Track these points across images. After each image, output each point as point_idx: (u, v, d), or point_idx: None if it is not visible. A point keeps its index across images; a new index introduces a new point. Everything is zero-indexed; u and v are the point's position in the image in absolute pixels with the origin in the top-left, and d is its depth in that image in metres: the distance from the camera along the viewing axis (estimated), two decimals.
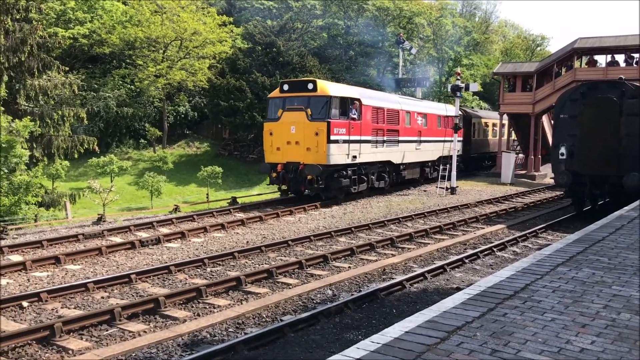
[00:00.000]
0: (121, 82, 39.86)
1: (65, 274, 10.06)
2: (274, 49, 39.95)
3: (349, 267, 10.74)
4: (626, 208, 11.68)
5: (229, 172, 35.52)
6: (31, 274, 9.99)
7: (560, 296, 4.96)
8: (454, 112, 24.66)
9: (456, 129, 23.82)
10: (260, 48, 40.54)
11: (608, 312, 4.53)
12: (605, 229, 8.66)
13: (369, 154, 19.93)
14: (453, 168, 23.58)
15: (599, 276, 5.70)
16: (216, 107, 38.63)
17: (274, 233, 14.17)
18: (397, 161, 22.28)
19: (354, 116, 18.88)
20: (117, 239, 13.00)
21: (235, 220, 15.37)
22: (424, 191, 23.65)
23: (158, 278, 9.78)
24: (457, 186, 23.55)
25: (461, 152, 27.96)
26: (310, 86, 18.31)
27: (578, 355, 3.63)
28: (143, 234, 13.57)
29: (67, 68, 28.83)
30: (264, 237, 13.62)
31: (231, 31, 43.09)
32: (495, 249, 12.43)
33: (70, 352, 6.56)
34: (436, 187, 23.80)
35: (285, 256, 11.63)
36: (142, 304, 7.96)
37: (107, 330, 7.26)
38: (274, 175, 18.63)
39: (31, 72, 23.46)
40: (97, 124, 37.13)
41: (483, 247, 12.36)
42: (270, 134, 18.86)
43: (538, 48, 69.19)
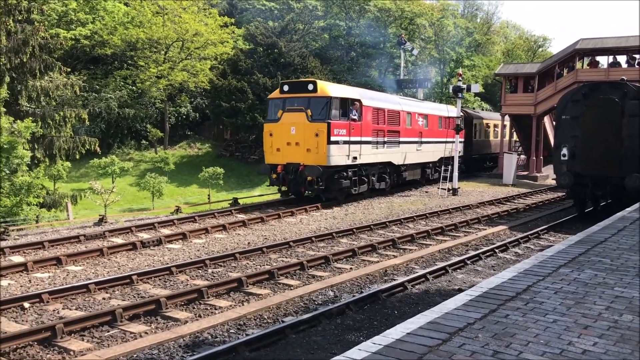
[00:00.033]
0: (123, 83, 39.90)
1: (66, 275, 10.07)
2: (276, 50, 39.97)
3: (351, 268, 10.73)
4: (628, 209, 11.66)
5: (231, 173, 35.54)
6: (33, 275, 10.00)
7: (562, 297, 4.95)
8: (455, 113, 24.61)
9: (458, 130, 23.77)
10: (261, 49, 40.56)
11: (610, 314, 4.52)
12: (607, 230, 8.65)
13: (370, 155, 19.86)
14: (455, 169, 23.52)
15: (601, 277, 5.69)
16: (217, 108, 38.65)
17: (276, 234, 14.17)
18: (398, 162, 22.21)
19: (355, 117, 18.81)
20: (119, 240, 13.01)
21: (236, 221, 15.37)
22: (426, 192, 23.63)
23: (159, 279, 9.79)
24: (459, 187, 23.51)
25: (462, 153, 27.90)
26: (310, 87, 18.25)
27: (580, 356, 3.62)
28: (144, 235, 13.58)
29: (69, 69, 28.84)
30: (266, 238, 13.62)
31: (233, 32, 43.11)
32: (497, 250, 12.41)
33: (71, 353, 6.56)
34: (438, 188, 23.77)
35: (286, 257, 11.62)
36: (144, 305, 7.96)
37: (109, 331, 7.27)
38: (274, 176, 18.57)
39: (33, 73, 23.49)
40: (99, 125, 37.19)
41: (485, 249, 12.35)
42: (270, 135, 18.80)
43: (540, 49, 69.14)
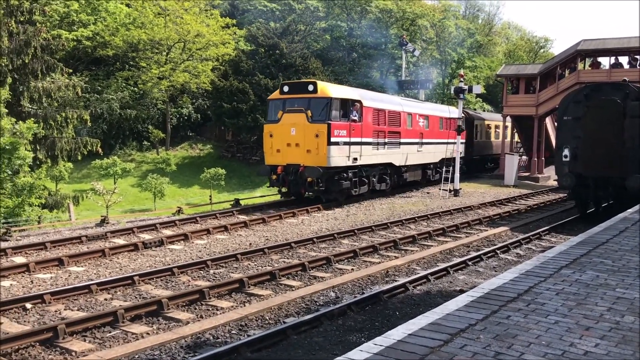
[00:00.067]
0: (124, 84, 39.96)
1: (68, 276, 10.08)
2: (277, 51, 40.01)
3: (352, 270, 10.72)
4: (630, 210, 11.64)
5: (232, 174, 35.58)
6: (34, 276, 10.01)
7: (563, 299, 4.95)
8: (456, 114, 24.57)
9: (459, 131, 23.75)
10: (263, 50, 40.61)
11: (612, 315, 4.52)
12: (609, 232, 8.64)
13: (370, 156, 19.79)
14: (456, 170, 23.48)
15: (603, 279, 5.68)
16: (219, 109, 38.70)
17: (277, 235, 14.17)
18: (399, 163, 22.14)
19: (355, 118, 18.75)
20: (120, 241, 13.02)
21: (238, 222, 15.36)
22: (427, 193, 23.61)
23: (161, 280, 9.79)
24: (460, 188, 23.48)
25: (463, 154, 27.86)
26: (310, 88, 18.17)
27: (582, 358, 3.61)
28: (146, 236, 13.58)
29: (71, 70, 28.93)
30: (267, 239, 13.62)
31: (234, 33, 43.15)
32: (498, 252, 12.40)
33: (73, 354, 6.57)
34: (439, 189, 23.75)
35: (288, 258, 11.62)
36: (145, 306, 7.97)
37: (110, 332, 7.27)
38: (274, 177, 18.48)
39: (35, 74, 23.55)
40: (101, 126, 37.27)
41: (486, 250, 12.33)
42: (270, 136, 18.71)
43: (541, 50, 69.12)
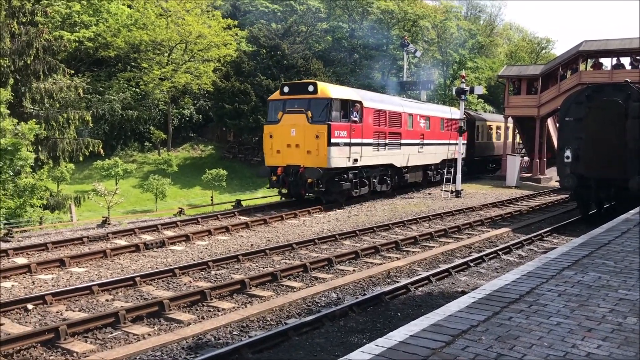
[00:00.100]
0: (126, 85, 40.01)
1: (70, 277, 10.08)
2: (279, 52, 40.02)
3: (354, 271, 10.72)
4: (632, 211, 11.63)
5: (234, 175, 35.59)
6: (36, 277, 10.02)
7: (566, 300, 4.94)
8: (458, 115, 24.53)
9: (461, 132, 23.70)
10: (264, 51, 40.64)
11: (614, 316, 4.51)
12: (611, 233, 8.62)
13: (371, 157, 19.72)
14: (458, 171, 23.46)
15: (605, 280, 5.67)
16: (221, 110, 38.72)
17: (279, 236, 14.17)
18: (400, 164, 22.07)
19: (355, 119, 18.68)
20: (122, 242, 13.02)
21: (239, 223, 15.36)
22: (429, 194, 23.59)
23: (162, 281, 9.79)
24: (462, 189, 23.46)
25: (464, 155, 27.81)
26: (310, 88, 18.09)
27: (584, 359, 3.60)
28: (147, 237, 13.58)
29: (73, 71, 28.95)
30: (269, 240, 13.61)
31: (236, 34, 43.19)
32: (500, 253, 12.39)
33: (74, 355, 6.57)
34: (441, 190, 23.73)
35: (289, 259, 11.62)
36: (147, 307, 7.97)
37: (112, 333, 7.27)
38: (274, 178, 18.39)
39: (37, 75, 23.58)
40: (102, 127, 37.31)
41: (488, 251, 12.32)
42: (270, 137, 18.63)
43: (543, 51, 69.03)
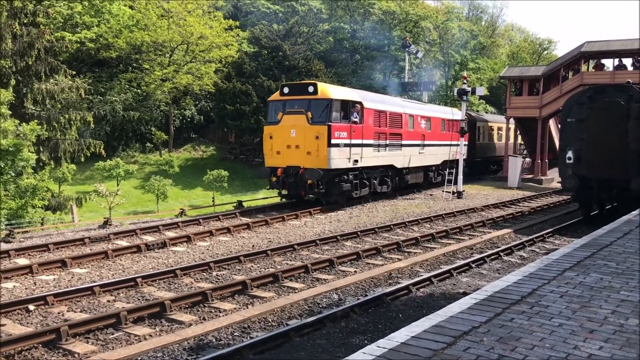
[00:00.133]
0: (128, 86, 40.05)
1: (71, 278, 10.09)
2: (280, 53, 40.04)
3: (355, 272, 10.71)
4: (634, 212, 11.61)
5: (235, 176, 35.59)
6: (37, 278, 10.03)
7: (567, 301, 4.93)
8: (459, 116, 24.48)
9: (462, 133, 23.67)
10: (266, 52, 40.66)
11: (616, 318, 4.49)
12: (612, 234, 8.61)
13: (371, 158, 19.64)
14: (459, 172, 23.43)
15: (607, 281, 5.66)
16: (222, 111, 38.74)
17: (280, 237, 14.16)
18: (400, 165, 21.98)
19: (356, 119, 18.61)
20: (123, 243, 13.02)
21: (241, 224, 15.35)
22: (430, 195, 23.58)
23: (164, 282, 9.80)
24: (464, 190, 23.43)
25: (466, 156, 27.77)
26: (310, 89, 18.02)
27: None
28: (149, 238, 13.59)
29: (74, 72, 28.99)
30: (270, 241, 13.61)
31: (237, 35, 43.22)
32: (502, 254, 12.37)
33: (76, 356, 6.57)
34: (442, 191, 23.70)
35: (291, 260, 11.61)
36: (148, 308, 7.97)
37: (113, 334, 7.27)
38: (274, 179, 18.32)
39: (38, 76, 23.61)
40: (104, 128, 37.34)
41: (490, 252, 12.31)
42: (270, 138, 18.55)
43: (545, 52, 69.01)
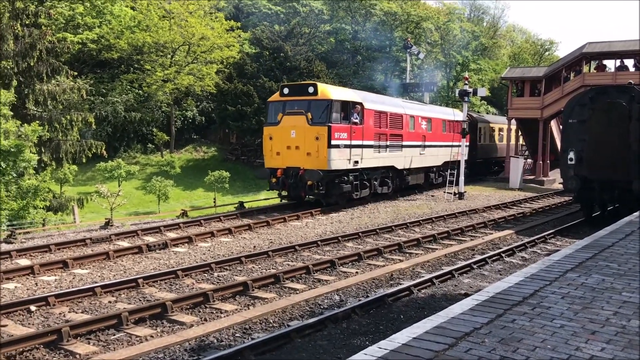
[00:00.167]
0: (129, 87, 40.11)
1: (72, 278, 10.09)
2: (282, 54, 40.07)
3: (357, 273, 10.70)
4: (636, 214, 11.58)
5: (236, 177, 35.61)
6: (39, 278, 10.03)
7: (569, 302, 4.92)
8: (460, 117, 24.44)
9: (464, 134, 23.65)
10: (267, 53, 40.69)
11: (618, 319, 4.48)
12: (614, 235, 8.59)
13: (372, 159, 19.54)
14: (461, 173, 23.40)
15: (609, 282, 5.65)
16: (223, 112, 38.78)
17: (281, 238, 14.16)
18: (401, 166, 21.90)
19: (356, 120, 18.52)
20: (125, 244, 13.03)
21: (242, 224, 15.35)
22: (432, 196, 23.56)
23: (165, 283, 9.79)
24: (465, 191, 23.40)
25: (467, 157, 27.71)
26: (310, 90, 17.93)
27: None
28: (150, 239, 13.59)
29: (76, 73, 29.04)
30: (271, 242, 13.60)
31: (239, 36, 43.29)
32: (503, 255, 12.36)
33: (77, 357, 6.57)
34: (444, 192, 23.68)
35: (292, 261, 11.61)
36: (149, 309, 7.96)
37: (115, 334, 7.27)
38: (274, 180, 18.25)
39: (40, 77, 23.66)
40: (105, 129, 37.39)
41: (491, 253, 12.29)
42: (270, 139, 18.46)
43: (546, 53, 69.00)
